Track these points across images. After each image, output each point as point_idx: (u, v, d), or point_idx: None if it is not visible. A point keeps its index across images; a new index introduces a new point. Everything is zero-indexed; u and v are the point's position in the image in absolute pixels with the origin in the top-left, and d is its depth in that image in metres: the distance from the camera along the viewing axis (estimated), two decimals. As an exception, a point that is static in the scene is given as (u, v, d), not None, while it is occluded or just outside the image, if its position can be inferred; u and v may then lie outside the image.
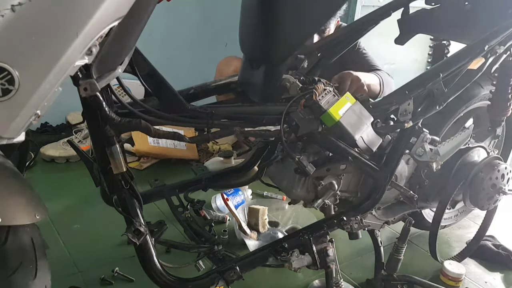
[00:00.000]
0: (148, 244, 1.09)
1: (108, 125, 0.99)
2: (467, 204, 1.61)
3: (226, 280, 1.19)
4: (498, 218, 1.76)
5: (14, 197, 0.87)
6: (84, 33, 0.75)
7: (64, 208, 1.87)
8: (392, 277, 1.49)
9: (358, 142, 1.16)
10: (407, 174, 1.44)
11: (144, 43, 1.10)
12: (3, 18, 0.70)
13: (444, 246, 1.84)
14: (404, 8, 1.59)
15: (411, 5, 1.58)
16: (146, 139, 2.26)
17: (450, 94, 1.31)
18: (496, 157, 1.60)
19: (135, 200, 1.09)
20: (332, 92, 1.16)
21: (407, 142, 1.31)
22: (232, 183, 1.60)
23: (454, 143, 1.47)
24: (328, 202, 1.34)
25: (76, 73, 0.85)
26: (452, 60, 1.31)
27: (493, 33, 1.33)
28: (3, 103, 0.73)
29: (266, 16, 1.14)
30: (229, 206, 1.67)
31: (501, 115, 1.59)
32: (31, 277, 0.90)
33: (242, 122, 1.15)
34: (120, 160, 1.02)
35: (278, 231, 1.71)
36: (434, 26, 1.60)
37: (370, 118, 1.20)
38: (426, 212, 1.75)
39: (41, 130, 2.42)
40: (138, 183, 1.12)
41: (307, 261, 1.25)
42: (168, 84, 1.11)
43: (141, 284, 1.46)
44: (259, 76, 1.23)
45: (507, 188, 1.59)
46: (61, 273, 1.48)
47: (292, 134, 1.14)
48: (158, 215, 1.81)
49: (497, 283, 1.67)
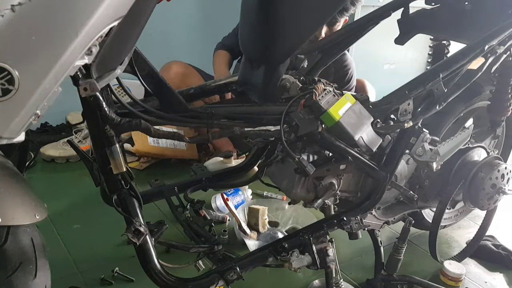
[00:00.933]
0: (148, 244, 1.09)
1: (108, 125, 0.99)
2: (467, 204, 1.61)
3: (226, 280, 1.19)
4: (499, 218, 1.77)
5: (14, 197, 0.87)
6: (84, 33, 0.75)
7: (64, 208, 1.87)
8: (392, 277, 1.49)
9: (358, 142, 1.16)
10: (407, 174, 1.44)
11: (144, 43, 1.10)
12: (3, 18, 0.70)
13: (444, 246, 1.84)
14: (404, 8, 1.59)
15: (411, 5, 1.59)
16: (146, 139, 2.26)
17: (450, 94, 1.31)
18: (496, 157, 1.60)
19: (135, 200, 1.09)
20: (332, 92, 1.16)
21: (407, 142, 1.31)
22: (232, 183, 1.60)
23: (454, 143, 1.47)
24: (328, 202, 1.34)
25: (76, 73, 0.85)
26: (452, 60, 1.31)
27: (493, 33, 1.33)
28: (3, 103, 0.73)
29: (266, 16, 1.14)
30: (229, 206, 1.67)
31: (501, 115, 1.59)
32: (31, 277, 0.90)
33: (242, 122, 1.15)
34: (120, 160, 1.02)
35: (278, 231, 1.71)
36: (434, 26, 1.60)
37: (370, 118, 1.20)
38: (426, 212, 1.74)
39: (41, 130, 2.42)
40: (138, 183, 1.12)
41: (307, 261, 1.25)
42: (168, 84, 1.11)
43: (141, 284, 1.46)
44: (259, 76, 1.23)
45: (507, 188, 1.59)
46: (61, 273, 1.48)
47: (292, 134, 1.14)
48: (158, 215, 1.81)
49: (497, 283, 1.67)
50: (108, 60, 0.89)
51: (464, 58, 1.29)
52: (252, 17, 1.19)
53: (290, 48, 1.21)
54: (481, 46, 1.30)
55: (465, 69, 1.31)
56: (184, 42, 2.74)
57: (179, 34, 2.73)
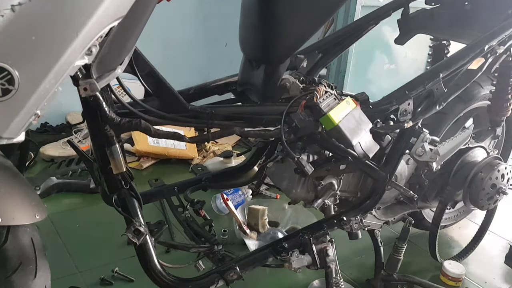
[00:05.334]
0: (148, 244, 1.09)
1: (108, 125, 0.99)
2: (467, 204, 1.61)
3: (226, 280, 1.19)
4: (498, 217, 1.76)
5: (14, 197, 0.87)
6: (84, 33, 0.75)
7: (64, 208, 1.87)
8: (392, 277, 1.49)
9: (356, 148, 1.16)
10: (407, 174, 1.44)
11: (144, 43, 1.10)
12: (3, 18, 0.70)
13: (444, 246, 1.84)
14: (404, 8, 1.60)
15: (411, 5, 1.59)
16: (146, 139, 2.26)
17: (450, 94, 1.31)
18: (496, 157, 1.60)
19: (134, 200, 1.09)
20: (334, 95, 1.16)
21: (407, 142, 1.31)
22: (232, 183, 1.60)
23: (454, 143, 1.47)
24: (328, 202, 1.34)
25: (76, 73, 0.85)
26: (452, 60, 1.31)
27: (493, 33, 1.33)
28: (3, 103, 0.73)
29: (266, 16, 1.14)
30: (229, 206, 1.67)
31: (501, 115, 1.59)
32: (31, 277, 0.90)
33: (242, 122, 1.15)
34: (120, 160, 1.02)
35: (278, 231, 1.71)
36: (434, 26, 1.60)
37: (369, 124, 1.21)
38: (426, 212, 1.75)
39: (41, 130, 2.42)
40: (138, 183, 1.12)
41: (307, 261, 1.25)
42: (168, 84, 1.11)
43: (141, 284, 1.47)
44: (259, 76, 1.23)
45: (507, 188, 1.59)
46: (61, 273, 1.48)
47: (292, 135, 1.14)
48: (158, 215, 1.81)
49: (497, 283, 1.67)
50: (108, 60, 0.89)
51: (464, 58, 1.29)
52: (252, 17, 1.19)
53: (290, 48, 1.21)
54: (481, 46, 1.30)
55: (465, 69, 1.31)
56: (184, 42, 2.74)
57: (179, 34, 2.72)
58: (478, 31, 1.41)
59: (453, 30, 1.58)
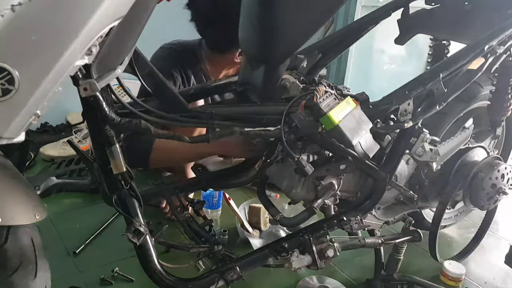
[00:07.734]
0: (148, 244, 1.09)
1: (108, 125, 0.99)
2: (467, 204, 1.61)
3: (226, 280, 1.19)
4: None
5: (14, 197, 0.87)
6: (84, 33, 0.75)
7: (64, 208, 1.87)
8: (392, 277, 1.49)
9: (356, 148, 1.17)
10: (407, 174, 1.44)
11: (144, 43, 1.10)
12: (3, 18, 0.70)
13: (444, 246, 1.84)
14: (404, 8, 1.59)
15: (411, 5, 1.59)
16: (146, 139, 2.25)
17: (450, 94, 1.31)
18: (496, 157, 1.60)
19: (135, 200, 1.09)
20: (334, 95, 1.16)
21: (407, 142, 1.31)
22: (232, 183, 1.60)
23: (454, 143, 1.47)
24: (328, 202, 1.34)
25: (76, 73, 0.85)
26: (452, 60, 1.31)
27: (493, 33, 1.33)
28: (3, 103, 0.73)
29: (266, 16, 1.14)
30: (231, 205, 1.67)
31: (501, 115, 1.59)
32: (31, 277, 0.90)
33: (242, 122, 1.16)
34: (120, 160, 1.02)
35: (280, 229, 1.71)
36: (434, 26, 1.60)
37: (369, 124, 1.21)
38: (426, 212, 1.74)
39: (41, 130, 2.42)
40: (138, 183, 1.12)
41: (307, 261, 1.25)
42: (168, 84, 1.11)
43: (141, 284, 1.47)
44: (259, 76, 1.23)
45: (507, 188, 1.59)
46: (61, 273, 1.48)
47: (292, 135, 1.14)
48: (158, 215, 1.81)
49: (497, 283, 1.67)
50: (108, 60, 0.89)
51: (464, 58, 1.29)
52: (252, 17, 1.19)
53: (290, 48, 1.21)
54: (481, 46, 1.30)
55: (465, 69, 1.31)
56: (184, 42, 2.73)
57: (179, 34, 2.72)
58: (478, 31, 1.41)
59: (453, 30, 1.58)
